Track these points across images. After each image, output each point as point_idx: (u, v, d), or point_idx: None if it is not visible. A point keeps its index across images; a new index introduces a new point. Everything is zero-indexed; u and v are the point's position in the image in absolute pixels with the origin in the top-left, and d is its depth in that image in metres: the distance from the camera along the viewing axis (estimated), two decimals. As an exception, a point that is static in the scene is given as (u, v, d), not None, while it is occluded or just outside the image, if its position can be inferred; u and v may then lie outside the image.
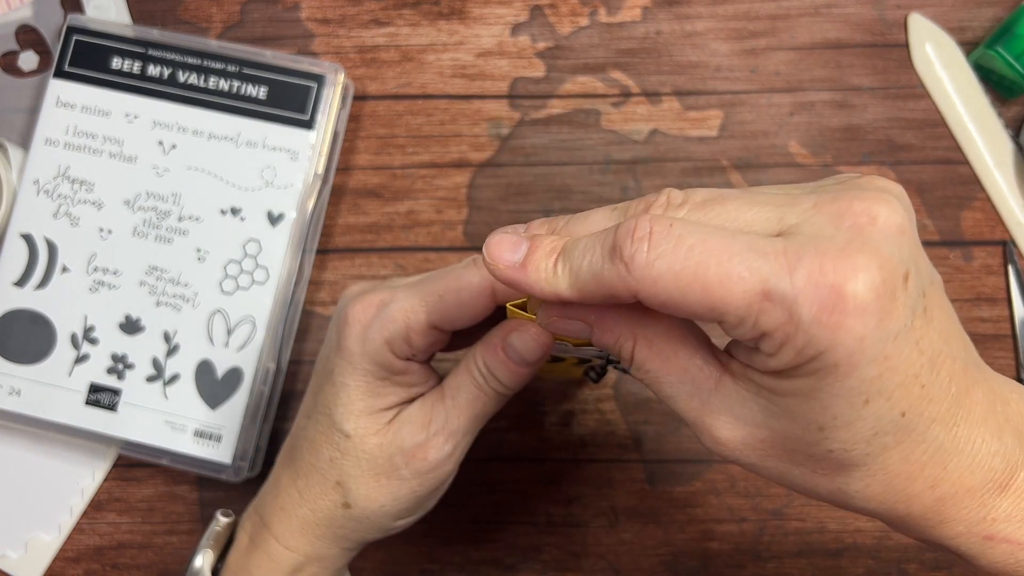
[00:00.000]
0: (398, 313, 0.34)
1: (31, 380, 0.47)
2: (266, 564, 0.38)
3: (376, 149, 0.51)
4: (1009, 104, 0.50)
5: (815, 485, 0.27)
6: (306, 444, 0.37)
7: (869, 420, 0.25)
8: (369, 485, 0.36)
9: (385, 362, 0.34)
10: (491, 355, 0.34)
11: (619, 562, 0.49)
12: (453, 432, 0.35)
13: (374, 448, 0.35)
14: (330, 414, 0.36)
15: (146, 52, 0.48)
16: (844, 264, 0.23)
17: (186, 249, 0.48)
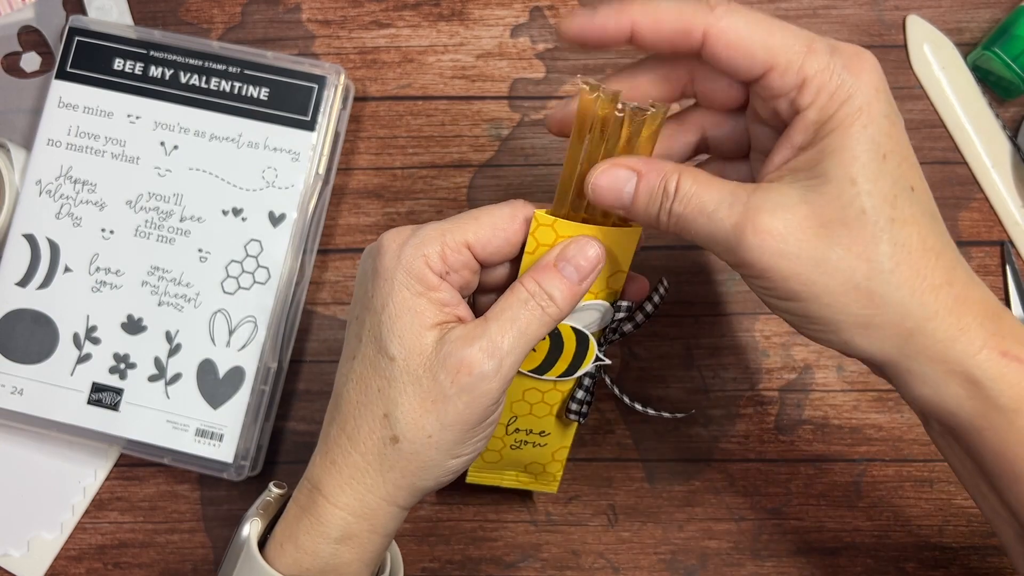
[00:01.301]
0: (432, 230, 0.35)
1: (33, 380, 0.48)
2: (315, 529, 0.36)
3: (377, 150, 0.51)
4: (1007, 105, 0.50)
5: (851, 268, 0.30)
6: (352, 384, 0.36)
7: (888, 178, 0.30)
8: (416, 411, 0.35)
9: (420, 274, 0.35)
10: (543, 273, 0.35)
11: (618, 560, 0.49)
12: (497, 348, 0.34)
13: (419, 368, 0.34)
14: (376, 340, 0.35)
15: (148, 53, 0.48)
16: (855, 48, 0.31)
17: (188, 249, 0.48)
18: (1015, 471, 0.32)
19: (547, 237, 0.36)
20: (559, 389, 0.41)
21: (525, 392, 0.41)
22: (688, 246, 0.50)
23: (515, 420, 0.42)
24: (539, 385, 0.41)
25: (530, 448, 0.43)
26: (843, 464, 0.49)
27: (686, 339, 0.50)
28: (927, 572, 0.49)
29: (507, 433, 0.42)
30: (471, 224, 0.35)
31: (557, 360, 0.40)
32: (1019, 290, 0.49)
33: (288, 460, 0.50)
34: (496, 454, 0.43)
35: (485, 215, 0.36)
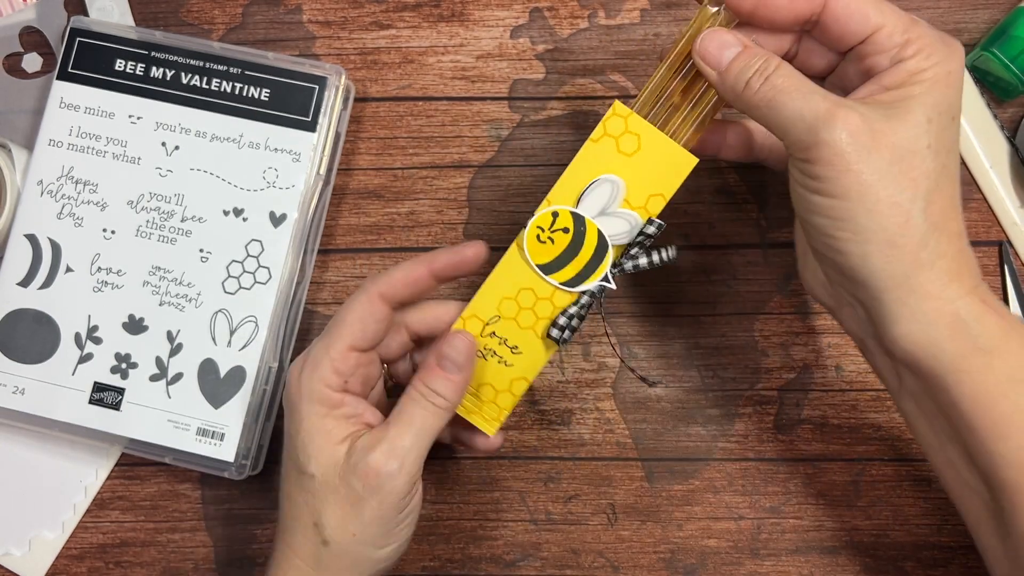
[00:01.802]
0: (318, 351, 0.40)
1: (35, 379, 0.48)
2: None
3: (377, 150, 0.51)
4: (1005, 105, 0.50)
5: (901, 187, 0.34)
6: (285, 502, 0.41)
7: (950, 134, 0.35)
8: (338, 515, 0.39)
9: (322, 396, 0.40)
10: (427, 373, 0.40)
11: (618, 559, 0.49)
12: (397, 448, 0.39)
13: (335, 479, 0.39)
14: (295, 462, 0.40)
15: (149, 54, 0.48)
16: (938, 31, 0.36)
17: (189, 249, 0.48)
18: (992, 416, 0.34)
19: (616, 128, 0.40)
20: (553, 303, 0.41)
21: (521, 291, 0.41)
22: (688, 246, 0.50)
23: (496, 321, 0.42)
24: (537, 288, 0.41)
25: (494, 363, 0.42)
26: (842, 463, 0.49)
27: (686, 339, 0.50)
28: (926, 571, 0.49)
29: (481, 335, 0.42)
30: (343, 329, 0.40)
31: (569, 262, 0.41)
32: (1017, 290, 0.49)
33: (289, 459, 0.50)
34: None
35: (348, 314, 0.40)
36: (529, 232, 0.41)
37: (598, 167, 0.40)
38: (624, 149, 0.40)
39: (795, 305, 0.50)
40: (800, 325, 0.50)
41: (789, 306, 0.50)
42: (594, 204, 0.41)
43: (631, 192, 0.40)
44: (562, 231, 0.41)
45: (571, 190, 0.41)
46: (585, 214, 0.41)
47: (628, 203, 0.40)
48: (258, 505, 0.50)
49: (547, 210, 0.41)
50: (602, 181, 0.40)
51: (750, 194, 0.50)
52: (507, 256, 0.42)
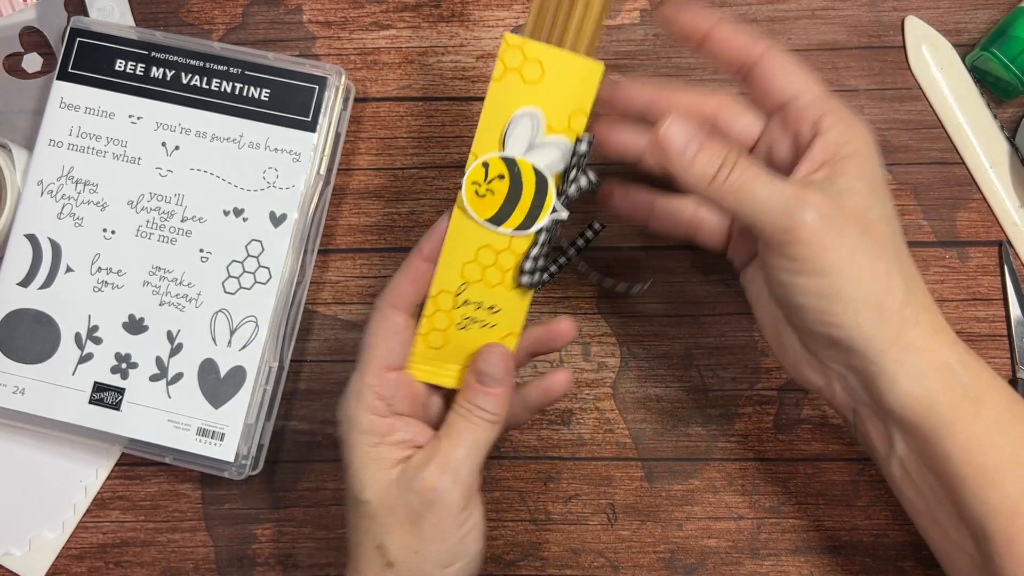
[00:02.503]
0: (355, 383, 0.40)
1: (35, 379, 0.48)
2: None
3: (377, 150, 0.51)
4: (1005, 105, 0.51)
5: (875, 253, 0.36)
6: (350, 531, 0.41)
7: (890, 200, 0.37)
8: (399, 535, 0.39)
9: (371, 426, 0.40)
10: (469, 391, 0.40)
11: (618, 559, 0.49)
12: (450, 462, 0.39)
13: (392, 500, 0.39)
14: (352, 493, 0.40)
15: (149, 54, 0.49)
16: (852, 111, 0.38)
17: (189, 249, 0.48)
18: (981, 465, 0.35)
19: (515, 59, 0.38)
20: (514, 251, 0.40)
21: (479, 251, 0.40)
22: (688, 246, 0.50)
23: (465, 289, 0.41)
24: (494, 242, 0.40)
25: (477, 329, 0.41)
26: (841, 463, 0.49)
27: (685, 339, 0.50)
28: (925, 571, 0.49)
29: (455, 307, 0.41)
30: (370, 353, 0.40)
31: (515, 207, 0.39)
32: (1017, 290, 0.49)
33: (289, 459, 0.50)
34: (441, 335, 0.41)
35: (371, 337, 0.41)
36: (466, 190, 0.39)
37: (510, 104, 0.39)
38: (529, 78, 0.38)
39: (795, 305, 0.50)
40: (800, 325, 0.50)
41: (789, 306, 0.50)
42: (519, 142, 0.39)
43: (551, 117, 0.39)
44: (497, 179, 0.39)
45: (492, 136, 0.39)
46: (513, 154, 0.39)
47: (552, 129, 0.39)
48: (258, 505, 0.50)
49: (476, 163, 0.39)
50: (519, 116, 0.39)
51: (750, 194, 0.50)
52: (453, 221, 0.40)
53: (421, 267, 0.41)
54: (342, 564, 0.49)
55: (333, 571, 0.50)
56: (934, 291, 0.50)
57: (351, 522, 0.41)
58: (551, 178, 0.39)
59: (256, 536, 0.50)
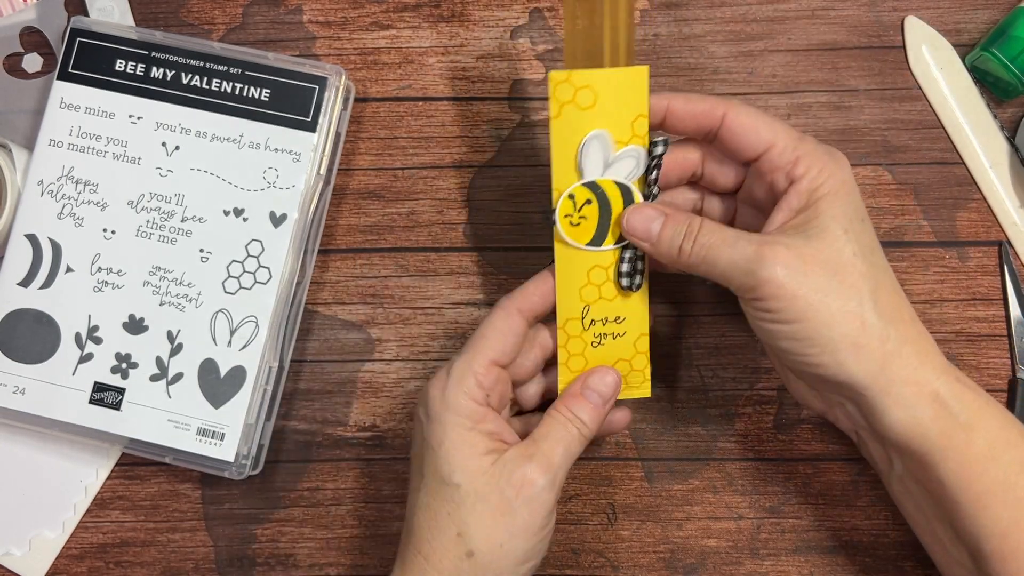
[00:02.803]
0: (461, 366, 0.41)
1: (35, 379, 0.48)
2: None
3: (377, 150, 0.51)
4: (1005, 105, 0.51)
5: (846, 296, 0.37)
6: (421, 513, 0.40)
7: (867, 236, 0.39)
8: (487, 525, 0.39)
9: (468, 410, 0.40)
10: (573, 400, 0.42)
11: (618, 559, 0.49)
12: (551, 464, 0.40)
13: (484, 488, 0.39)
14: (437, 473, 0.40)
15: (149, 54, 0.49)
16: (830, 149, 0.40)
17: (189, 249, 0.48)
18: (975, 490, 0.37)
19: (566, 93, 0.40)
20: (616, 262, 0.43)
21: (590, 272, 0.42)
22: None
23: (588, 311, 0.43)
24: (600, 260, 0.42)
25: (611, 341, 0.43)
26: (841, 463, 0.49)
27: (686, 339, 0.50)
28: (925, 571, 0.49)
29: (585, 328, 0.43)
30: (484, 343, 0.41)
31: (609, 225, 0.42)
32: (1017, 290, 0.49)
33: (289, 459, 0.50)
34: (581, 359, 0.44)
35: (489, 329, 0.41)
36: (562, 224, 0.41)
37: (575, 134, 0.40)
38: (584, 104, 0.40)
39: (795, 305, 0.50)
40: (800, 325, 0.50)
41: (789, 306, 0.50)
42: (595, 165, 0.41)
43: (616, 133, 0.41)
44: (586, 204, 0.41)
45: (568, 168, 0.41)
46: (593, 177, 0.41)
47: (620, 143, 0.41)
48: (258, 505, 0.50)
49: (563, 197, 0.41)
50: (588, 142, 0.40)
51: (750, 194, 0.50)
52: (558, 254, 0.42)
53: (551, 284, 0.42)
54: (343, 564, 0.49)
55: (333, 571, 0.50)
56: (934, 291, 0.50)
57: (424, 503, 0.40)
58: (633, 186, 0.41)
59: (256, 536, 0.50)
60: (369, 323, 0.51)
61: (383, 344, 0.50)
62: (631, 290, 0.43)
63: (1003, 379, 0.50)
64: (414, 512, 0.41)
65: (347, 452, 0.50)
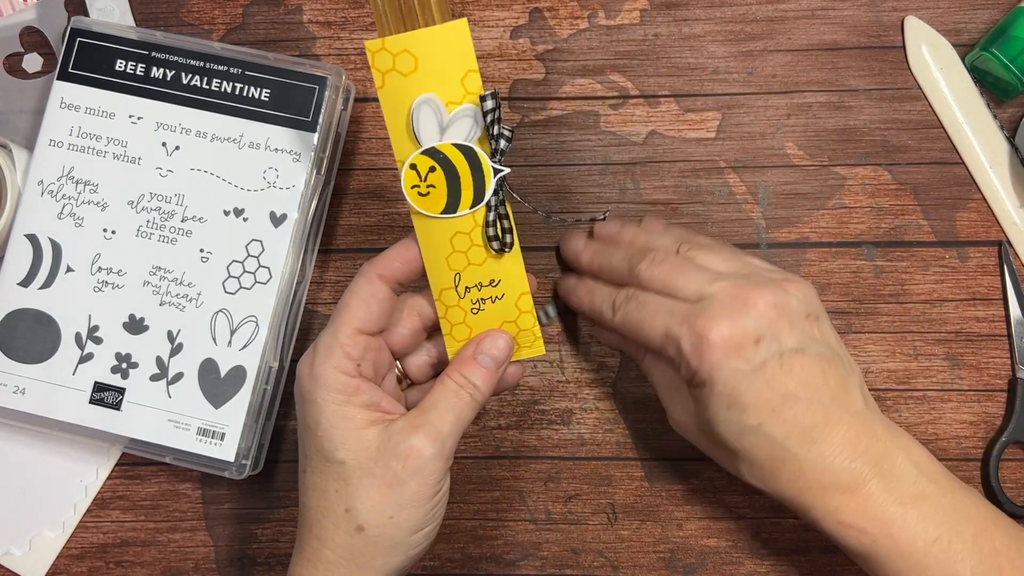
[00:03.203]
0: (326, 339, 0.40)
1: (36, 379, 0.48)
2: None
3: (377, 150, 0.51)
4: (1005, 105, 0.51)
5: (725, 463, 0.42)
6: (310, 492, 0.40)
7: (733, 422, 0.39)
8: (374, 499, 0.39)
9: (339, 384, 0.40)
10: (465, 366, 0.41)
11: (618, 559, 0.49)
12: (439, 432, 0.39)
13: (369, 462, 0.39)
14: (321, 453, 0.40)
15: (149, 54, 0.49)
16: (711, 323, 0.39)
17: (190, 249, 0.48)
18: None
19: (385, 62, 0.39)
20: (480, 224, 0.41)
21: (452, 240, 0.41)
22: (687, 246, 0.50)
23: (460, 278, 0.42)
24: (460, 226, 0.41)
25: (491, 306, 0.43)
26: (841, 463, 0.49)
27: (685, 339, 0.50)
28: (925, 570, 0.49)
29: (461, 297, 0.42)
30: (347, 312, 0.41)
31: (460, 190, 0.40)
32: (1017, 290, 0.49)
33: (289, 459, 0.50)
34: (464, 328, 0.43)
35: (351, 298, 0.41)
36: (411, 197, 0.40)
37: (404, 102, 0.39)
38: (406, 70, 0.39)
39: (795, 305, 0.50)
40: (800, 325, 0.50)
41: (789, 306, 0.50)
42: (430, 130, 0.40)
43: (445, 94, 0.39)
44: (431, 172, 0.40)
45: (404, 138, 0.40)
46: (431, 143, 0.40)
47: (452, 103, 0.39)
48: (258, 505, 0.50)
49: (405, 167, 0.40)
50: (416, 108, 0.39)
51: (750, 194, 0.50)
52: (417, 227, 0.41)
53: (416, 254, 0.42)
54: (342, 564, 0.49)
55: (333, 571, 0.50)
56: (934, 291, 0.50)
57: (312, 483, 0.40)
58: (475, 145, 0.40)
59: (256, 536, 0.50)
60: (369, 323, 0.51)
61: (383, 344, 0.50)
62: (504, 251, 0.41)
63: (1003, 379, 0.50)
64: (304, 492, 0.41)
65: (347, 452, 0.50)
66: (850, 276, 0.50)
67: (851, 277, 0.50)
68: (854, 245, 0.50)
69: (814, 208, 0.50)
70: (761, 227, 0.50)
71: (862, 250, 0.50)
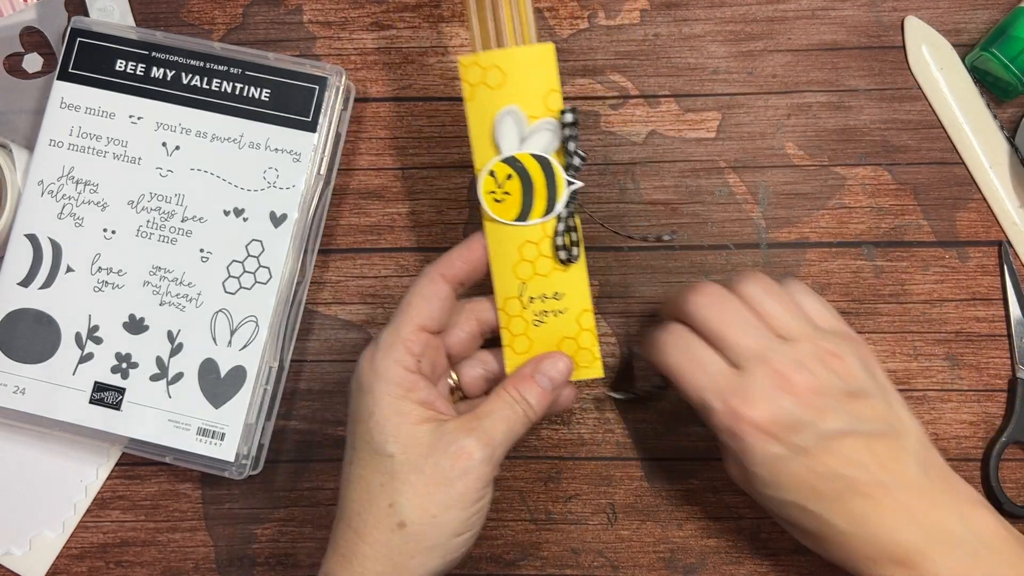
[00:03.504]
0: (388, 335, 0.41)
1: (36, 379, 0.48)
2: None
3: (378, 151, 0.51)
4: (1005, 105, 0.51)
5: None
6: (353, 485, 0.40)
7: (772, 498, 0.40)
8: (420, 495, 0.38)
9: (399, 377, 0.40)
10: (522, 382, 0.41)
11: (618, 559, 0.49)
12: (491, 439, 0.40)
13: (419, 458, 0.39)
14: (371, 445, 0.39)
15: (150, 54, 0.49)
16: (747, 405, 0.38)
17: (190, 249, 0.48)
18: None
19: (475, 75, 0.42)
20: (549, 235, 0.42)
21: (521, 248, 0.43)
22: (686, 246, 0.50)
23: (526, 288, 0.43)
24: (529, 235, 0.42)
25: (553, 319, 0.43)
26: (841, 463, 0.49)
27: (685, 339, 0.50)
28: (925, 571, 0.49)
29: (524, 307, 0.43)
30: (410, 309, 0.41)
31: (533, 197, 0.42)
32: (1017, 290, 0.49)
33: (289, 459, 0.50)
34: (525, 340, 0.44)
35: (414, 296, 0.41)
36: (486, 202, 0.42)
37: (489, 112, 0.42)
38: (494, 84, 0.42)
39: (795, 305, 0.50)
40: (800, 325, 0.50)
41: (789, 306, 0.50)
42: (511, 139, 0.42)
43: (528, 107, 0.42)
44: (507, 179, 0.42)
45: (485, 146, 0.42)
46: (511, 152, 0.42)
47: (533, 116, 0.42)
48: (258, 505, 0.50)
49: (483, 174, 0.42)
50: (501, 118, 0.42)
51: (750, 194, 0.50)
52: (488, 232, 0.43)
53: (479, 254, 0.42)
54: (342, 564, 0.49)
55: (333, 571, 0.50)
56: (934, 291, 0.50)
57: (357, 475, 0.40)
58: (552, 157, 0.42)
59: (256, 536, 0.50)
60: (369, 323, 0.51)
61: (383, 344, 0.50)
62: (570, 262, 0.42)
63: (1003, 379, 0.50)
64: (346, 485, 0.40)
65: (347, 452, 0.50)
66: (850, 276, 0.50)
67: (851, 277, 0.50)
68: (854, 245, 0.50)
69: (814, 208, 0.50)
70: (761, 227, 0.50)
71: (862, 250, 0.50)
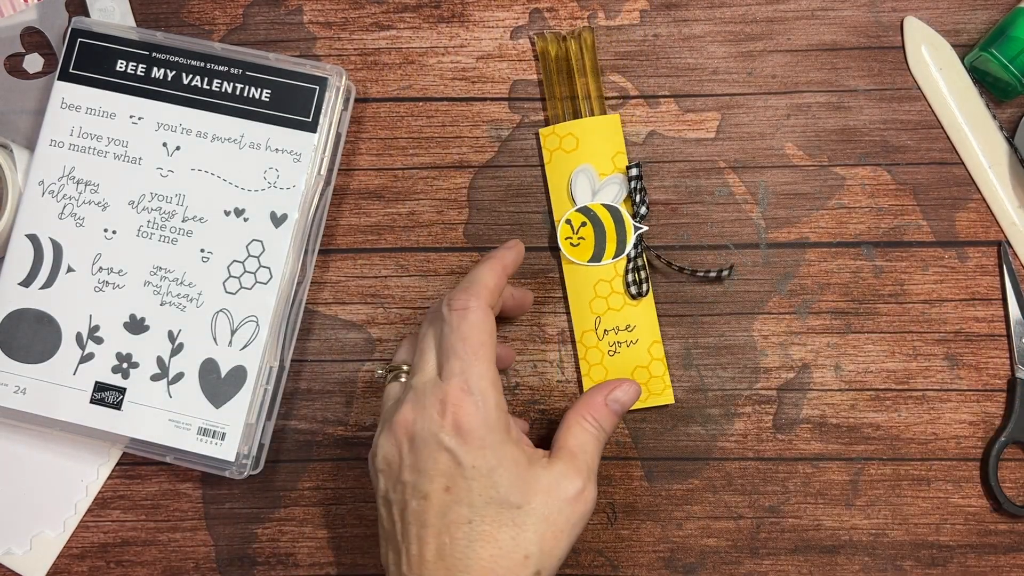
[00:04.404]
0: (481, 381, 0.39)
1: (36, 379, 0.48)
2: None
3: (378, 151, 0.51)
4: (1004, 106, 0.51)
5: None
6: (479, 544, 0.38)
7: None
8: (550, 543, 0.39)
9: (505, 424, 0.40)
10: (597, 411, 0.43)
11: (617, 558, 0.49)
12: (592, 474, 0.41)
13: (543, 507, 0.39)
14: (493, 500, 0.38)
15: (150, 54, 0.49)
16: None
17: (190, 250, 0.48)
18: None
19: (553, 143, 0.50)
20: (620, 273, 0.49)
21: (596, 286, 0.49)
22: (686, 246, 0.50)
23: (600, 322, 0.49)
24: (603, 274, 0.49)
25: (626, 350, 0.49)
26: (841, 463, 0.49)
27: (685, 339, 0.50)
28: (924, 570, 0.49)
29: (599, 339, 0.49)
30: (488, 350, 0.40)
31: (605, 240, 0.49)
32: (1016, 290, 0.49)
33: (290, 459, 0.50)
34: (601, 368, 0.49)
35: (480, 334, 0.40)
36: (564, 247, 0.49)
37: (565, 171, 0.49)
38: (569, 148, 0.49)
39: (794, 305, 0.50)
40: (799, 325, 0.50)
41: (788, 306, 0.50)
42: (584, 192, 0.49)
43: (599, 166, 0.49)
44: (581, 226, 0.49)
45: (562, 199, 0.49)
46: (584, 203, 0.49)
47: (604, 173, 0.49)
48: (259, 504, 0.50)
49: (561, 222, 0.49)
50: (576, 175, 0.49)
51: (750, 194, 0.50)
52: (566, 272, 0.49)
53: (509, 258, 0.43)
54: (343, 563, 0.50)
55: (333, 571, 0.50)
56: (934, 291, 0.50)
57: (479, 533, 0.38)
58: (621, 206, 0.49)
59: (256, 535, 0.50)
60: (369, 323, 0.51)
61: (383, 344, 0.51)
62: (640, 296, 0.48)
63: (1002, 379, 0.50)
64: (469, 544, 0.38)
65: (347, 452, 0.50)
66: (849, 276, 0.50)
67: (850, 277, 0.50)
68: (853, 245, 0.50)
69: (814, 208, 0.50)
70: (761, 227, 0.50)
71: (861, 250, 0.50)
